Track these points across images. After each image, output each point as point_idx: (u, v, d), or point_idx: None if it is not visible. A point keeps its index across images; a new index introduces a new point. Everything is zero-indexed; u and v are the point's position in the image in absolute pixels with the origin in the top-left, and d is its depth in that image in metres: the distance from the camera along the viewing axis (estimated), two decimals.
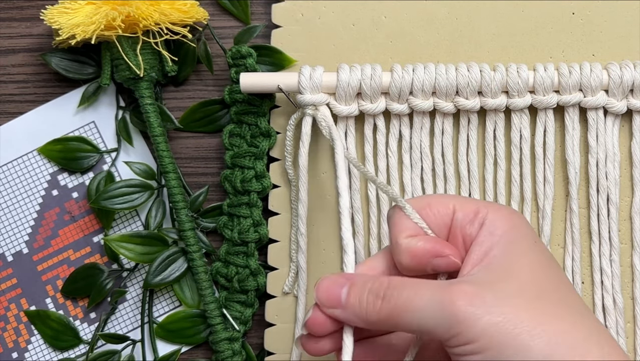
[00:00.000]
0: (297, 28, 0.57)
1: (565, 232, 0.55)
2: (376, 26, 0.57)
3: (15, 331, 0.59)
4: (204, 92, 0.60)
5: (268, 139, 0.57)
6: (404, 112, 0.54)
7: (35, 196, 0.60)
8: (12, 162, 0.60)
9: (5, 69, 0.60)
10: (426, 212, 0.45)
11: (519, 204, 0.55)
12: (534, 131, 0.55)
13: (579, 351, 0.39)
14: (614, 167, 0.55)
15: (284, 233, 0.57)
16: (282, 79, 0.54)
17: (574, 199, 0.55)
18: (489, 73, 0.53)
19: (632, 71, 0.53)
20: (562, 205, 0.56)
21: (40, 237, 0.60)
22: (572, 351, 0.39)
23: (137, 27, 0.55)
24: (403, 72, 0.53)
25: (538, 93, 0.54)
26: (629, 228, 0.55)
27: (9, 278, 0.60)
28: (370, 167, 0.55)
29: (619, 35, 0.56)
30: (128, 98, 0.60)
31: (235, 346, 0.57)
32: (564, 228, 0.55)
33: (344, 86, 0.53)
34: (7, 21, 0.60)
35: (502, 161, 0.55)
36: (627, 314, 0.55)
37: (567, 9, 0.56)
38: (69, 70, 0.59)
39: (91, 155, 0.59)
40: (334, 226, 0.57)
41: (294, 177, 0.56)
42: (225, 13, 0.59)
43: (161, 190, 0.59)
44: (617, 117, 0.55)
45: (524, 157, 0.55)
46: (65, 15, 0.55)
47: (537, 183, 0.55)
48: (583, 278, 0.56)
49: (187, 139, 0.60)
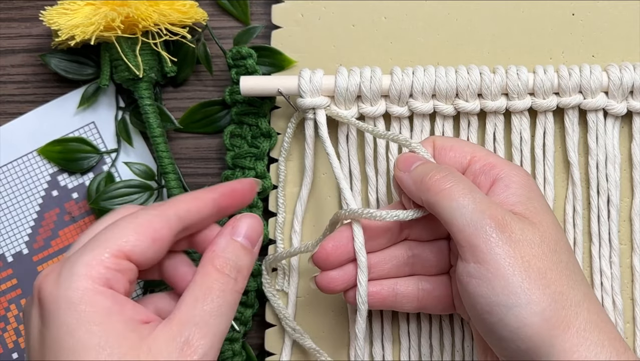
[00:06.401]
0: (297, 29, 0.57)
1: (565, 233, 0.55)
2: (376, 27, 0.57)
3: (15, 331, 0.59)
4: (203, 92, 0.60)
5: (269, 139, 0.57)
6: (404, 115, 0.54)
7: (35, 197, 0.60)
8: (12, 163, 0.60)
9: (5, 69, 0.60)
10: (447, 153, 0.49)
11: None
12: (533, 133, 0.55)
13: (569, 311, 0.43)
14: (614, 169, 0.55)
15: (284, 233, 0.57)
16: (282, 83, 0.54)
17: (577, 200, 0.55)
18: (488, 75, 0.53)
19: (632, 73, 0.53)
20: (562, 206, 0.56)
21: (40, 238, 0.60)
22: (563, 311, 0.43)
23: (137, 27, 0.55)
24: (403, 74, 0.53)
25: (538, 96, 0.54)
26: (629, 229, 0.56)
27: (9, 278, 0.60)
28: (371, 170, 0.55)
29: (619, 36, 0.56)
30: (128, 99, 0.60)
31: (235, 346, 0.57)
32: (564, 229, 0.55)
33: (342, 91, 0.53)
34: (6, 22, 0.60)
35: None
36: (627, 315, 0.55)
37: (567, 9, 0.56)
38: (69, 71, 0.59)
39: (91, 156, 0.59)
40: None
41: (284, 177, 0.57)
42: (224, 14, 0.59)
43: (161, 191, 0.59)
44: (617, 119, 0.55)
45: (524, 159, 0.55)
46: (65, 16, 0.55)
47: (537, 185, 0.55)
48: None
49: (187, 140, 0.60)
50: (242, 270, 0.45)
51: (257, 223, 0.47)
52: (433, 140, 0.50)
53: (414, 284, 0.51)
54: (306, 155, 0.55)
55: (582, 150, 0.56)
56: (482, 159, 0.48)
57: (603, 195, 0.55)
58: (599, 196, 0.55)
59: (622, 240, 0.56)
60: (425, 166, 0.48)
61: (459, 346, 0.55)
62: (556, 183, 0.56)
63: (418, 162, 0.48)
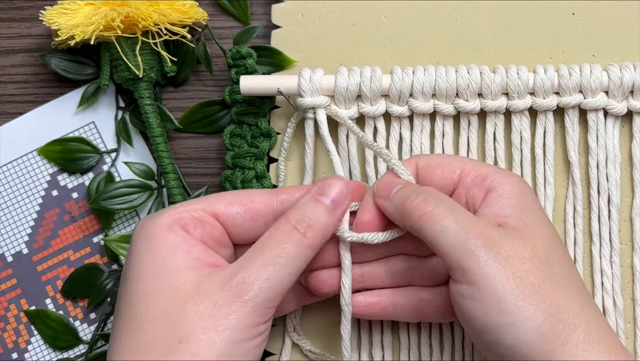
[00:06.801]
0: (297, 28, 0.57)
1: (565, 233, 0.55)
2: (376, 26, 0.57)
3: (15, 331, 0.59)
4: (203, 92, 0.59)
5: (268, 139, 0.57)
6: (404, 115, 0.54)
7: (35, 197, 0.60)
8: (12, 163, 0.60)
9: (5, 69, 0.60)
10: (433, 171, 0.48)
11: None
12: (534, 132, 0.55)
13: (567, 325, 0.42)
14: (614, 168, 0.55)
15: None
16: (282, 82, 0.54)
17: (578, 200, 0.55)
18: (489, 75, 0.53)
19: (632, 72, 0.53)
20: (563, 206, 0.56)
21: (40, 237, 0.60)
22: (560, 324, 0.42)
23: (136, 27, 0.55)
24: (403, 74, 0.53)
25: (538, 95, 0.54)
26: (629, 228, 0.55)
27: (9, 278, 0.60)
28: (371, 169, 0.55)
29: (619, 36, 0.56)
30: (127, 99, 0.60)
31: None
32: (564, 229, 0.55)
33: (342, 90, 0.53)
34: (6, 22, 0.60)
35: (502, 162, 0.55)
36: (627, 315, 0.55)
37: (567, 9, 0.56)
38: (69, 70, 0.59)
39: (91, 155, 0.59)
40: None
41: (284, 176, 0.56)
42: (224, 13, 0.59)
43: (161, 190, 0.59)
44: (617, 118, 0.55)
45: (524, 158, 0.55)
46: (65, 15, 0.55)
47: (537, 185, 0.55)
48: (583, 279, 0.55)
49: (187, 140, 0.60)
50: (314, 226, 0.46)
51: (345, 186, 0.48)
52: (416, 161, 0.49)
53: (413, 294, 0.50)
54: (306, 155, 0.55)
55: (582, 150, 0.56)
56: (472, 171, 0.47)
57: (603, 195, 0.55)
58: (599, 196, 0.55)
59: (622, 240, 0.55)
60: (405, 190, 0.47)
61: (459, 346, 0.55)
62: (556, 182, 0.56)
63: (397, 187, 0.47)
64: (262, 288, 0.43)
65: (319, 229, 0.46)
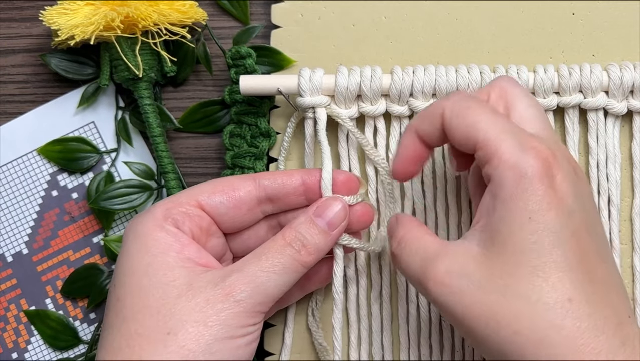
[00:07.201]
0: (296, 28, 0.57)
1: None
2: (376, 26, 0.57)
3: (14, 331, 0.59)
4: (203, 92, 0.59)
5: (268, 139, 0.57)
6: (404, 114, 0.54)
7: (34, 197, 0.60)
8: (11, 163, 0.60)
9: (4, 69, 0.60)
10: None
11: None
12: None
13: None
14: (615, 168, 0.55)
15: None
16: (281, 82, 0.54)
17: None
18: (489, 75, 0.53)
19: (633, 72, 0.53)
20: None
21: (40, 237, 0.60)
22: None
23: (136, 27, 0.55)
24: (403, 73, 0.53)
25: (538, 95, 0.53)
26: (630, 228, 0.55)
27: (9, 278, 0.60)
28: (371, 170, 0.55)
29: (619, 35, 0.56)
30: (127, 99, 0.60)
31: None
32: None
33: (342, 90, 0.53)
34: (6, 21, 0.60)
35: None
36: None
37: (567, 9, 0.56)
38: (69, 70, 0.59)
39: (91, 155, 0.59)
40: None
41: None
42: (224, 13, 0.59)
43: (161, 190, 0.59)
44: (617, 118, 0.55)
45: None
46: (64, 15, 0.55)
47: None
48: None
49: (187, 140, 0.60)
50: (308, 246, 0.47)
51: (342, 209, 0.48)
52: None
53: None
54: (306, 155, 0.55)
55: (582, 149, 0.56)
56: (485, 147, 0.43)
57: (604, 195, 0.55)
58: (599, 196, 0.55)
59: (622, 240, 0.55)
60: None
61: (459, 347, 0.55)
62: None
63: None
64: (255, 292, 0.45)
65: (313, 250, 0.47)
